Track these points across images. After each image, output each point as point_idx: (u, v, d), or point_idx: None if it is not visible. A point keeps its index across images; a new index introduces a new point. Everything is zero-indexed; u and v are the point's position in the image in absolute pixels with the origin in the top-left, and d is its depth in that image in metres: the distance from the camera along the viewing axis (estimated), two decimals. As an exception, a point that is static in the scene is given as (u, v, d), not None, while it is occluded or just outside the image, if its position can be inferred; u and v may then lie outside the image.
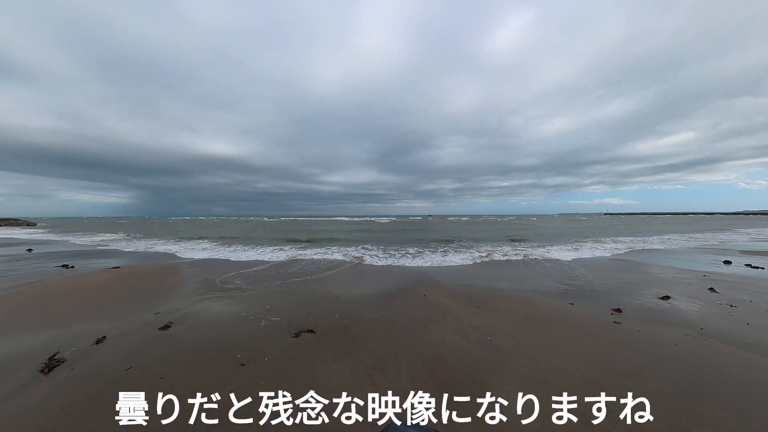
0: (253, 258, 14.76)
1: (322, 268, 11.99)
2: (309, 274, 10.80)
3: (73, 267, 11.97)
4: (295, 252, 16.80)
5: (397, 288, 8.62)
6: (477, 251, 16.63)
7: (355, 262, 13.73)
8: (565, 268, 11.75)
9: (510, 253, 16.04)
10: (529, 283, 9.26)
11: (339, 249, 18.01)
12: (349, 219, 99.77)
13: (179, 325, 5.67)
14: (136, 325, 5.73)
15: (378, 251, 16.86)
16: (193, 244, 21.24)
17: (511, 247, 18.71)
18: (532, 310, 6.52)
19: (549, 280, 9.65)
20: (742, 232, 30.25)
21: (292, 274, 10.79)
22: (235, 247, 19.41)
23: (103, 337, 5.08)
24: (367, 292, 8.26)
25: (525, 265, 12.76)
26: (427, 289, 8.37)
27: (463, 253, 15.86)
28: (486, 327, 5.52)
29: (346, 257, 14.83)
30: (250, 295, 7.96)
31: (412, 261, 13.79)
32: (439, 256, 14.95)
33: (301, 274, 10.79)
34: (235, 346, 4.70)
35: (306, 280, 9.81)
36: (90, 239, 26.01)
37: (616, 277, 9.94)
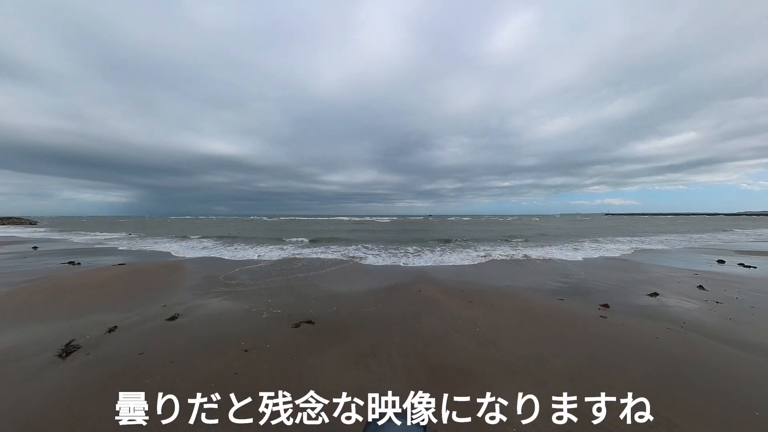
0: (254, 256, 15.04)
1: (322, 266, 12.27)
2: (309, 272, 11.09)
3: (79, 264, 12.29)
4: (295, 251, 17.10)
5: (394, 284, 8.90)
6: (476, 251, 16.85)
7: (355, 260, 14.00)
8: (560, 267, 11.98)
9: (509, 252, 16.24)
10: (523, 281, 9.51)
11: (339, 248, 18.30)
12: (349, 219, 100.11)
13: (186, 316, 5.97)
14: (145, 316, 6.04)
15: (377, 250, 17.13)
16: (195, 243, 21.58)
17: (510, 247, 18.93)
18: (522, 304, 6.80)
19: (543, 278, 9.89)
20: (742, 232, 30.36)
21: (293, 271, 11.07)
22: (236, 245, 19.71)
23: (115, 326, 5.39)
24: (365, 288, 8.55)
25: (522, 264, 13.01)
26: (423, 285, 8.65)
27: (462, 253, 16.10)
28: (475, 319, 5.81)
29: (346, 256, 15.09)
30: (251, 290, 8.26)
31: (410, 260, 14.04)
32: (438, 255, 15.20)
33: (302, 272, 11.07)
34: (239, 335, 5.01)
35: (306, 277, 10.10)
36: (91, 238, 26.38)
37: (609, 276, 10.17)
